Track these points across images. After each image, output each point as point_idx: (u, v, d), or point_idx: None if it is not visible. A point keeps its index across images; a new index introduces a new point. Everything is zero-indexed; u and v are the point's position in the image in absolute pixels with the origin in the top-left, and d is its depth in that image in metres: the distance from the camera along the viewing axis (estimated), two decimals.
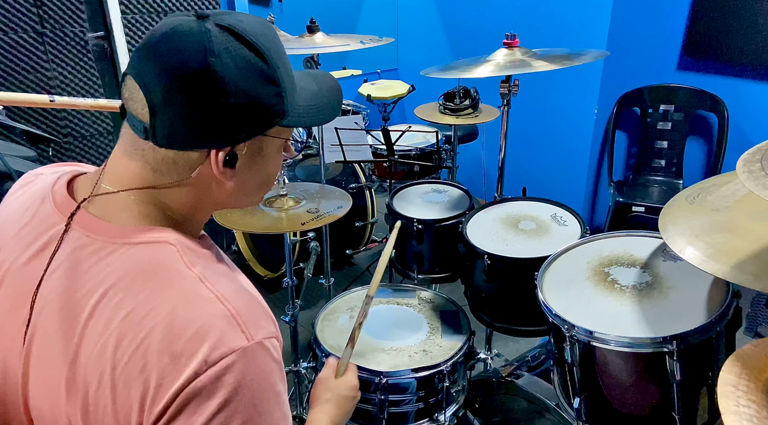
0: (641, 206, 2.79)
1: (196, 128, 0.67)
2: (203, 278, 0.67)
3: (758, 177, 0.77)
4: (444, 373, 1.41)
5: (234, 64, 0.66)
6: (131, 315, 0.64)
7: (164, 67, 0.65)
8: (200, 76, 0.65)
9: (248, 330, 0.65)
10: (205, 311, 0.64)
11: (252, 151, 0.72)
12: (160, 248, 0.68)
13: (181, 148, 0.68)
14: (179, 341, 0.62)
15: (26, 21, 2.26)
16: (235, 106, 0.67)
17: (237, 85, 0.66)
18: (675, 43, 2.85)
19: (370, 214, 2.98)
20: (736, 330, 1.14)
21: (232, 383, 0.62)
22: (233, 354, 0.63)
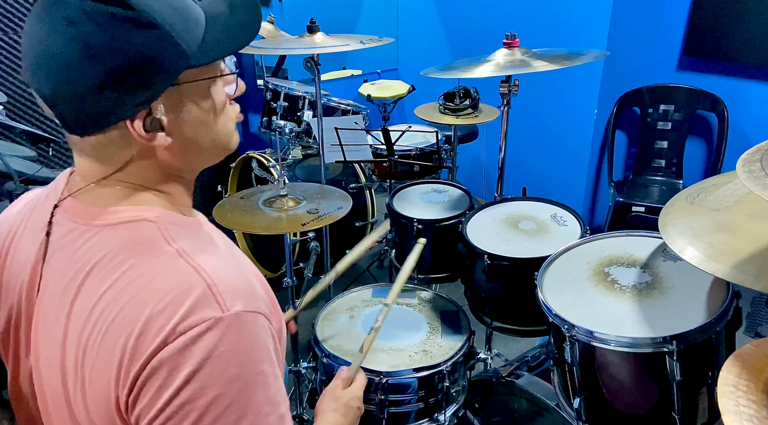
0: (641, 206, 2.79)
1: (92, 105, 0.63)
2: (182, 252, 0.66)
3: (758, 177, 0.77)
4: (444, 373, 1.41)
5: (96, 26, 0.61)
6: (109, 291, 0.64)
7: (36, 55, 0.63)
8: (67, 52, 0.61)
9: (224, 301, 0.63)
10: (181, 281, 0.63)
11: (172, 105, 0.68)
12: (140, 226, 0.68)
13: (95, 130, 0.66)
14: (153, 311, 0.61)
15: None
16: (118, 68, 0.62)
17: (108, 45, 0.61)
18: (675, 43, 2.85)
19: (370, 214, 2.98)
20: (736, 330, 1.14)
21: (201, 353, 0.61)
22: (203, 324, 0.61)
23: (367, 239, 1.28)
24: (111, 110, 0.64)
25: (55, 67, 0.62)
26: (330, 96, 2.93)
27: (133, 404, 0.62)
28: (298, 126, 2.87)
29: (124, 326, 0.62)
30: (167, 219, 0.70)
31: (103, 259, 0.66)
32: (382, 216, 2.11)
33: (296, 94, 2.86)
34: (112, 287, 0.64)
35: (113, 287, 0.64)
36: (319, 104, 2.20)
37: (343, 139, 2.24)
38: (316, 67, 2.06)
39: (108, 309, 0.64)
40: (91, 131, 0.66)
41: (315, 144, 2.87)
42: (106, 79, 0.62)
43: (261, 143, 3.68)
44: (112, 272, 0.65)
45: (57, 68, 0.62)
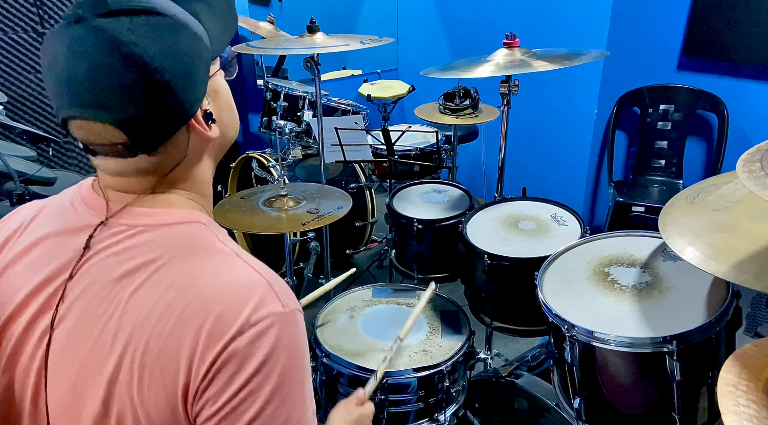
0: (641, 206, 2.79)
1: (166, 115, 0.67)
2: (238, 252, 0.72)
3: (758, 177, 0.77)
4: (444, 373, 1.41)
5: (143, 38, 0.64)
6: (174, 286, 0.67)
7: (98, 85, 0.63)
8: (133, 74, 0.63)
9: (283, 298, 0.69)
10: (245, 277, 0.69)
11: (211, 96, 0.74)
12: (195, 227, 0.72)
13: (169, 138, 0.70)
14: (225, 304, 0.65)
15: (26, 21, 2.26)
16: (178, 72, 0.66)
17: (163, 53, 0.65)
18: (675, 43, 2.85)
19: (370, 214, 2.98)
20: (736, 330, 1.14)
21: (269, 345, 0.66)
22: (272, 317, 0.66)
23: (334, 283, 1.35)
24: (179, 113, 0.68)
25: (123, 90, 0.64)
26: (330, 96, 2.93)
27: (203, 391, 0.65)
28: (298, 126, 2.87)
29: (194, 318, 0.65)
30: (213, 224, 0.75)
31: (162, 256, 0.69)
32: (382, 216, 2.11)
33: (296, 94, 2.86)
34: (176, 282, 0.67)
35: (177, 283, 0.67)
36: (319, 104, 2.20)
37: (343, 139, 2.24)
38: (316, 67, 2.06)
39: (174, 303, 0.66)
40: (163, 141, 0.69)
41: (315, 144, 2.87)
42: (170, 86, 0.66)
43: (261, 143, 3.68)
44: (174, 268, 0.68)
45: (126, 90, 0.64)
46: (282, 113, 2.89)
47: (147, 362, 0.66)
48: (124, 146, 0.68)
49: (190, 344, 0.65)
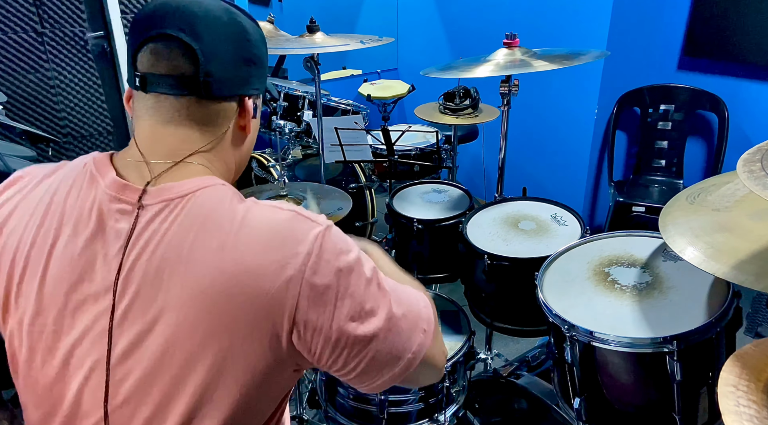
0: (641, 206, 2.79)
1: (236, 74, 0.77)
2: (255, 201, 0.76)
3: (758, 177, 0.77)
4: (444, 373, 1.41)
5: (252, 24, 0.80)
6: (219, 251, 0.69)
7: (203, 18, 0.73)
8: (236, 28, 0.76)
9: (315, 218, 0.74)
10: (275, 218, 0.72)
11: (257, 105, 0.84)
12: (216, 190, 0.75)
13: (228, 93, 0.77)
14: (273, 249, 0.69)
15: (26, 21, 2.26)
16: (257, 57, 0.80)
17: (257, 40, 0.80)
18: (675, 43, 2.85)
19: (370, 214, 2.98)
20: (736, 330, 1.14)
21: (332, 259, 0.71)
22: (318, 238, 0.71)
23: None
24: (244, 81, 0.79)
25: (221, 31, 0.75)
26: (330, 96, 2.93)
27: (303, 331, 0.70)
28: (297, 126, 2.87)
29: (254, 270, 0.68)
30: (233, 188, 0.78)
31: (194, 224, 0.71)
32: (382, 216, 2.11)
33: (296, 94, 2.86)
34: (220, 245, 0.69)
35: (221, 245, 0.69)
36: (319, 104, 2.20)
37: (343, 139, 2.24)
38: (316, 67, 2.06)
39: (227, 261, 0.68)
40: (225, 93, 0.77)
41: (315, 144, 2.87)
42: (251, 59, 0.79)
43: (261, 143, 3.68)
44: (211, 233, 0.70)
45: (223, 33, 0.75)
46: (282, 113, 2.89)
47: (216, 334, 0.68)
48: (187, 77, 0.73)
49: (262, 303, 0.68)
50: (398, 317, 0.75)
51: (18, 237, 0.77)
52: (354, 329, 0.71)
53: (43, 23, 2.30)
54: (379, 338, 0.73)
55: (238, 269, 0.68)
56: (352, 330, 0.71)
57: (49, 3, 2.28)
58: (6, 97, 2.24)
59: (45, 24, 2.31)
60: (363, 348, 0.73)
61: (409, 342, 0.76)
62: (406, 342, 0.76)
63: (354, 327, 0.71)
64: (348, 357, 0.73)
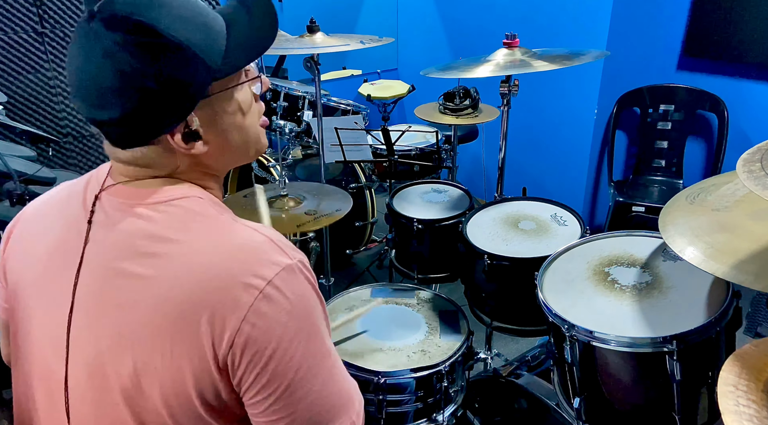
0: (641, 206, 2.79)
1: (133, 125, 0.69)
2: (235, 219, 0.75)
3: (758, 177, 0.77)
4: (442, 373, 1.41)
5: (128, 55, 0.65)
6: (180, 258, 0.69)
7: (78, 82, 0.69)
8: (105, 80, 0.66)
9: (287, 251, 0.72)
10: (248, 238, 0.71)
11: (205, 116, 0.73)
12: (193, 201, 0.74)
13: (139, 145, 0.72)
14: (235, 266, 0.68)
15: (26, 21, 2.26)
16: (153, 91, 0.67)
17: (142, 71, 0.66)
18: (675, 43, 2.85)
19: (370, 214, 2.98)
20: (736, 330, 1.14)
21: (290, 295, 0.69)
22: (283, 271, 0.69)
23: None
24: (151, 127, 0.70)
25: (96, 93, 0.68)
26: (330, 96, 2.93)
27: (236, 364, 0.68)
28: (298, 126, 2.87)
29: (209, 281, 0.67)
30: (212, 198, 0.77)
31: (165, 230, 0.71)
32: (382, 216, 2.11)
33: (296, 94, 2.86)
34: (183, 251, 0.69)
35: (184, 252, 0.69)
36: (319, 104, 2.20)
37: (343, 139, 2.24)
38: (316, 67, 2.06)
39: (187, 275, 0.68)
40: (133, 146, 0.72)
41: (315, 144, 2.87)
42: (144, 102, 0.67)
43: None
44: (177, 238, 0.70)
45: (98, 94, 0.68)
46: (282, 113, 2.89)
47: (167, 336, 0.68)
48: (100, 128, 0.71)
49: (207, 316, 0.66)
50: (332, 385, 0.73)
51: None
52: (288, 377, 0.69)
53: (43, 23, 2.30)
54: (308, 399, 0.70)
55: (194, 281, 0.67)
56: (286, 378, 0.69)
57: (49, 3, 2.28)
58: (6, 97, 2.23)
59: (45, 24, 2.30)
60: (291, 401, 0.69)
61: (335, 419, 0.73)
62: (331, 419, 0.72)
63: (289, 375, 0.69)
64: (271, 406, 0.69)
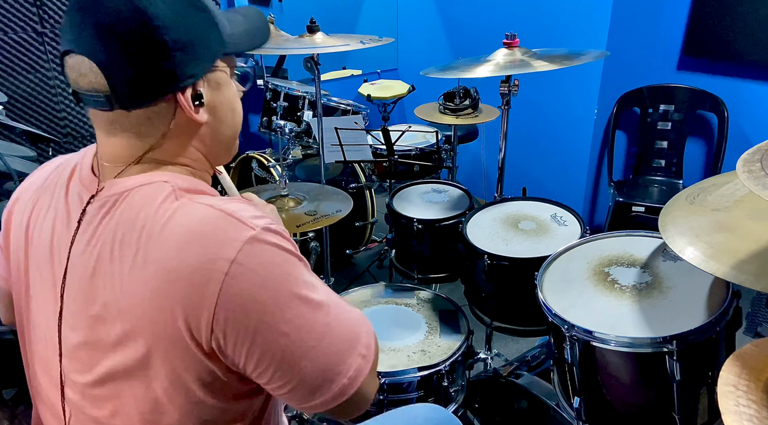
0: (641, 206, 2.79)
1: (152, 76, 0.69)
2: (191, 198, 0.71)
3: (758, 177, 0.77)
4: (443, 373, 1.41)
5: (163, 1, 0.67)
6: (140, 253, 0.67)
7: (100, 26, 0.66)
8: (136, 23, 0.66)
9: (247, 221, 0.68)
10: (202, 219, 0.68)
11: (211, 85, 0.76)
12: (154, 188, 0.72)
13: (148, 101, 0.70)
14: (192, 255, 0.65)
15: (26, 21, 2.26)
16: (179, 42, 0.68)
17: (172, 19, 0.68)
18: (675, 43, 2.85)
19: (370, 214, 2.98)
20: (736, 330, 1.14)
21: (258, 268, 0.66)
22: (245, 245, 0.66)
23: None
24: (166, 79, 0.69)
25: (119, 34, 0.66)
26: (330, 96, 2.93)
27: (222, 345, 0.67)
28: (298, 126, 2.87)
29: (171, 274, 0.65)
30: (179, 180, 0.74)
31: (125, 225, 0.69)
32: (382, 216, 2.11)
33: (296, 94, 2.86)
34: (142, 247, 0.67)
35: (143, 247, 0.67)
36: (319, 104, 2.20)
37: (343, 139, 2.24)
38: (316, 67, 2.06)
39: (151, 267, 0.66)
40: (143, 102, 0.70)
41: (315, 144, 2.87)
42: (168, 50, 0.68)
43: (261, 143, 3.68)
44: (135, 234, 0.68)
45: (121, 36, 0.66)
46: (282, 113, 2.89)
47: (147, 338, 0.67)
48: (105, 95, 0.69)
49: (179, 312, 0.65)
50: (332, 334, 0.71)
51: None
52: (280, 344, 0.67)
53: (43, 23, 2.30)
54: (309, 356, 0.69)
55: (157, 271, 0.66)
56: (278, 346, 0.67)
57: (49, 3, 2.28)
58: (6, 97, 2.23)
59: (45, 24, 2.30)
60: (292, 364, 0.69)
61: (343, 363, 0.71)
62: (339, 363, 0.71)
63: (281, 342, 0.67)
64: (275, 374, 0.69)
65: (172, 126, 0.73)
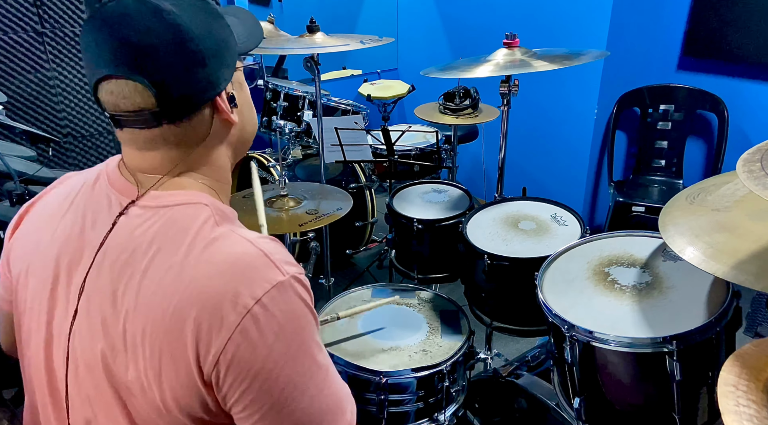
0: (641, 206, 2.79)
1: (196, 86, 0.72)
2: (233, 230, 0.73)
3: (758, 177, 0.77)
4: (444, 373, 1.41)
5: (186, 14, 0.70)
6: (174, 268, 0.68)
7: (138, 46, 0.68)
8: (174, 38, 0.69)
9: (281, 267, 0.70)
10: (240, 253, 0.70)
11: (235, 86, 0.80)
12: (196, 209, 0.73)
13: (195, 111, 0.73)
14: (224, 283, 0.67)
15: (26, 21, 2.26)
16: (210, 49, 0.72)
17: (200, 29, 0.71)
18: (675, 43, 2.85)
19: (370, 214, 2.98)
20: (736, 330, 1.14)
21: (278, 314, 0.67)
22: (273, 289, 0.67)
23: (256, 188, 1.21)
24: (208, 86, 0.73)
25: (160, 52, 0.68)
26: (330, 96, 2.93)
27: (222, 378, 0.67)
28: (298, 126, 2.87)
29: (197, 297, 0.66)
30: (217, 206, 0.76)
31: (162, 238, 0.70)
32: (382, 216, 2.11)
33: (296, 94, 2.86)
34: (176, 264, 0.68)
35: (177, 264, 0.68)
36: (319, 104, 2.20)
37: (343, 139, 2.24)
38: (316, 67, 2.06)
39: (178, 282, 0.67)
40: (192, 111, 0.73)
41: (315, 144, 2.87)
42: (203, 58, 0.71)
43: (261, 143, 3.68)
44: (173, 251, 0.69)
45: (162, 53, 0.68)
46: (282, 113, 2.89)
47: (154, 348, 0.68)
48: (151, 112, 0.70)
49: (193, 332, 0.66)
50: (323, 399, 0.72)
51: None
52: (274, 395, 0.68)
53: (43, 23, 2.30)
54: (296, 414, 0.69)
55: (186, 289, 0.66)
56: (271, 396, 0.68)
57: (49, 3, 2.28)
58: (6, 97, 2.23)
59: (45, 24, 2.30)
60: (278, 417, 0.69)
61: None
62: None
63: (275, 393, 0.68)
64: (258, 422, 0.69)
65: (211, 131, 0.77)
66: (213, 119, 0.76)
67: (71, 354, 0.75)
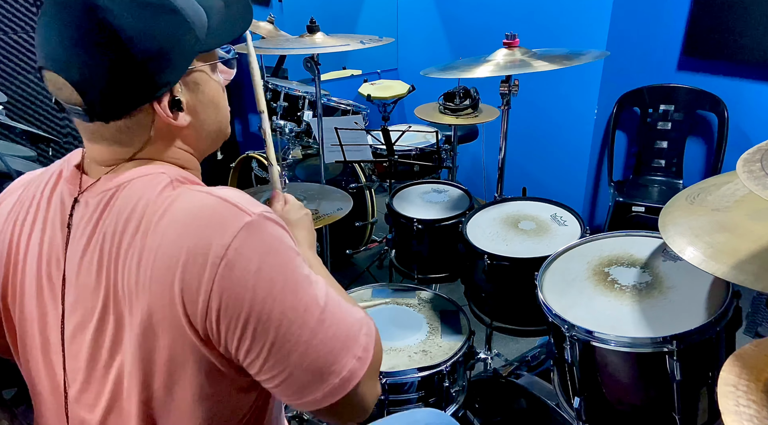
0: (641, 206, 2.79)
1: (125, 89, 0.68)
2: (189, 187, 0.71)
3: (758, 177, 0.77)
4: (444, 373, 1.41)
5: (125, 11, 0.66)
6: (142, 241, 0.67)
7: (66, 42, 0.66)
8: (103, 37, 0.65)
9: (245, 208, 0.67)
10: (198, 206, 0.67)
11: (189, 87, 0.75)
12: (154, 177, 0.71)
13: (124, 113, 0.70)
14: (188, 241, 0.65)
15: (26, 21, 2.26)
16: (149, 51, 0.67)
17: (138, 29, 0.66)
18: (675, 43, 2.85)
19: (370, 214, 2.98)
20: (736, 330, 1.14)
21: (253, 255, 0.65)
22: (242, 231, 0.65)
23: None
24: (140, 91, 0.69)
25: (88, 52, 0.65)
26: (330, 96, 2.93)
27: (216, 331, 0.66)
28: (298, 126, 2.87)
29: (169, 261, 0.65)
30: (177, 172, 0.74)
31: (128, 216, 0.69)
32: (382, 216, 2.11)
33: (296, 94, 2.86)
34: (144, 236, 0.67)
35: (145, 236, 0.67)
36: (319, 104, 2.20)
37: (343, 139, 2.24)
38: (316, 67, 2.06)
39: (150, 256, 0.66)
40: (119, 114, 0.70)
41: (315, 144, 2.87)
42: (138, 62, 0.67)
43: (261, 143, 3.68)
44: (137, 225, 0.68)
45: (90, 53, 0.65)
46: (282, 113, 2.89)
47: (150, 331, 0.67)
48: (82, 108, 0.69)
49: (177, 298, 0.65)
50: (326, 331, 0.69)
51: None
52: (270, 335, 0.66)
53: None
54: (299, 351, 0.67)
55: (157, 257, 0.65)
56: (268, 337, 0.66)
57: None
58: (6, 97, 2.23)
59: None
60: (282, 357, 0.67)
61: (336, 362, 0.69)
62: (332, 362, 0.68)
63: (271, 333, 0.66)
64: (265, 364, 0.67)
65: (152, 133, 0.73)
66: (154, 122, 0.73)
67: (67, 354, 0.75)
